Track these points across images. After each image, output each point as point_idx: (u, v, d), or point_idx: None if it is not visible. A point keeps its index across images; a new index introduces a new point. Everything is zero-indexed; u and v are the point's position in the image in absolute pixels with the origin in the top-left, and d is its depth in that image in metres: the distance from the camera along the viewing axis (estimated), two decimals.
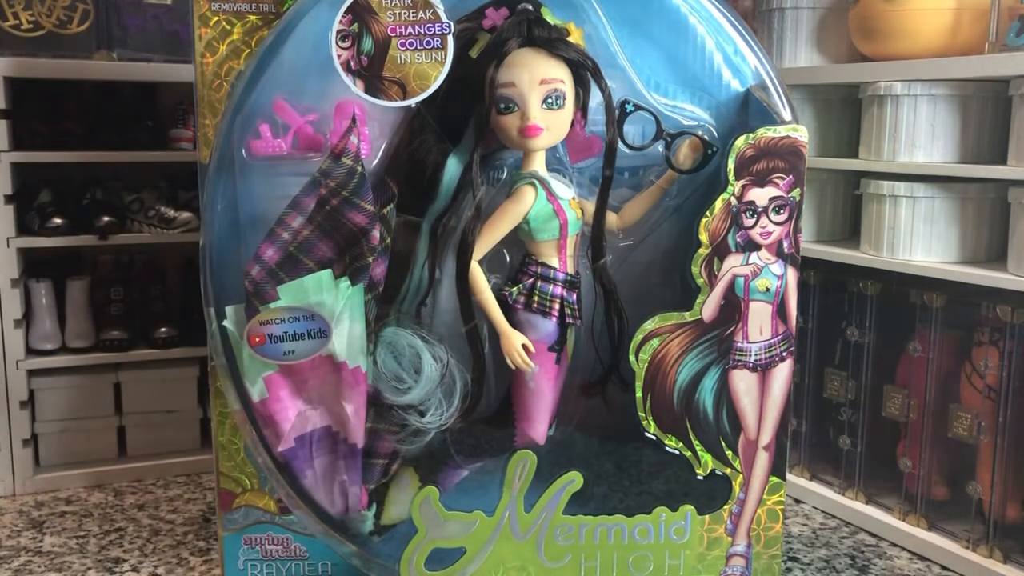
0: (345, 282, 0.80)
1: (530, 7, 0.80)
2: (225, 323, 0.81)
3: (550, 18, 0.80)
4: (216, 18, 0.86)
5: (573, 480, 0.84)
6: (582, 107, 0.83)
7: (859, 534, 1.09)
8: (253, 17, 0.86)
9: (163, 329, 1.46)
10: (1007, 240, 1.01)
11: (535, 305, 0.83)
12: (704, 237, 0.79)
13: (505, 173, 0.86)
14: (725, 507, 0.84)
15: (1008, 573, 0.96)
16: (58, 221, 1.40)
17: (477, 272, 0.83)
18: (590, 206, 0.84)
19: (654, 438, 0.83)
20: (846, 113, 1.19)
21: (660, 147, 0.83)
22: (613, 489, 0.86)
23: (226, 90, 0.85)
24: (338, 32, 0.80)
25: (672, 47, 0.83)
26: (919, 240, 1.06)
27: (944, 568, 1.01)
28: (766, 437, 0.83)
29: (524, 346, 0.83)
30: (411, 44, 0.81)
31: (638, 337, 0.81)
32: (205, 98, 0.86)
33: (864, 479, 1.13)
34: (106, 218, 1.43)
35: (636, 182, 0.85)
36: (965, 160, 1.06)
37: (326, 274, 0.80)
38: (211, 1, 0.85)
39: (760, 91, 0.81)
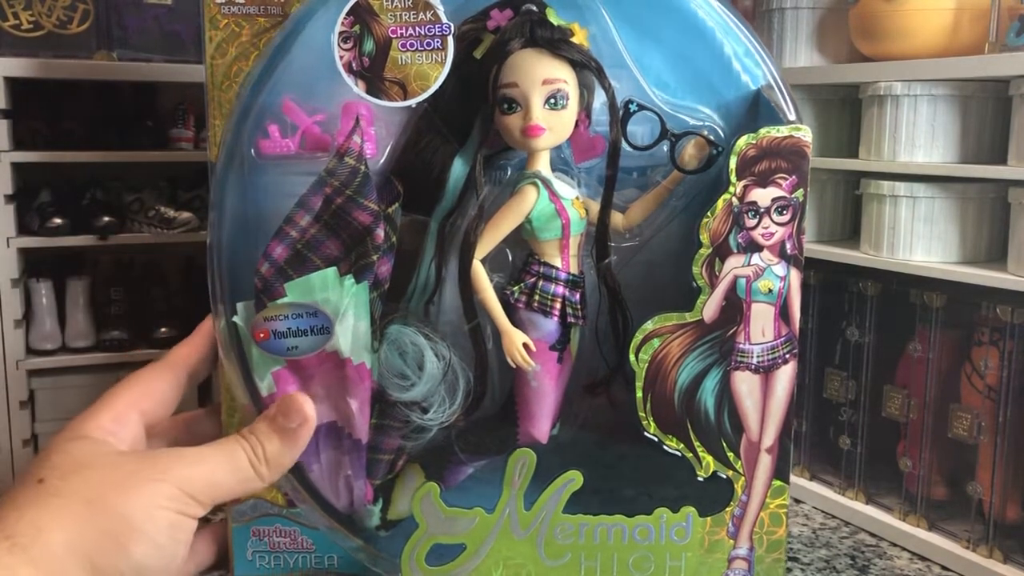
0: (350, 280, 0.80)
1: (534, 8, 0.80)
2: (235, 319, 0.81)
3: (554, 19, 0.80)
4: (226, 20, 0.86)
5: (573, 479, 0.83)
6: (586, 107, 0.83)
7: (859, 534, 1.09)
8: (262, 19, 0.86)
9: (163, 329, 1.46)
10: (1007, 240, 1.01)
11: (536, 304, 0.83)
12: (705, 238, 0.79)
13: (509, 173, 0.86)
14: (727, 509, 0.84)
15: (1008, 573, 0.96)
16: (58, 221, 1.41)
17: (479, 271, 0.83)
18: (596, 206, 0.84)
19: (655, 439, 0.83)
20: (846, 113, 1.19)
21: (665, 147, 0.83)
22: (613, 489, 0.85)
23: (235, 91, 0.85)
24: (340, 34, 0.80)
25: (681, 47, 0.82)
26: (919, 240, 1.06)
27: (944, 568, 1.01)
28: (769, 440, 0.83)
29: (525, 345, 0.83)
30: (412, 45, 0.81)
31: (638, 337, 0.81)
32: (215, 99, 0.87)
33: (864, 479, 1.13)
34: (106, 218, 1.43)
35: (644, 182, 0.85)
36: (965, 160, 1.06)
37: (331, 271, 0.80)
38: (221, 4, 0.85)
39: (770, 92, 0.81)
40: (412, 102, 0.82)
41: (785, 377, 0.83)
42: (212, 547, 0.89)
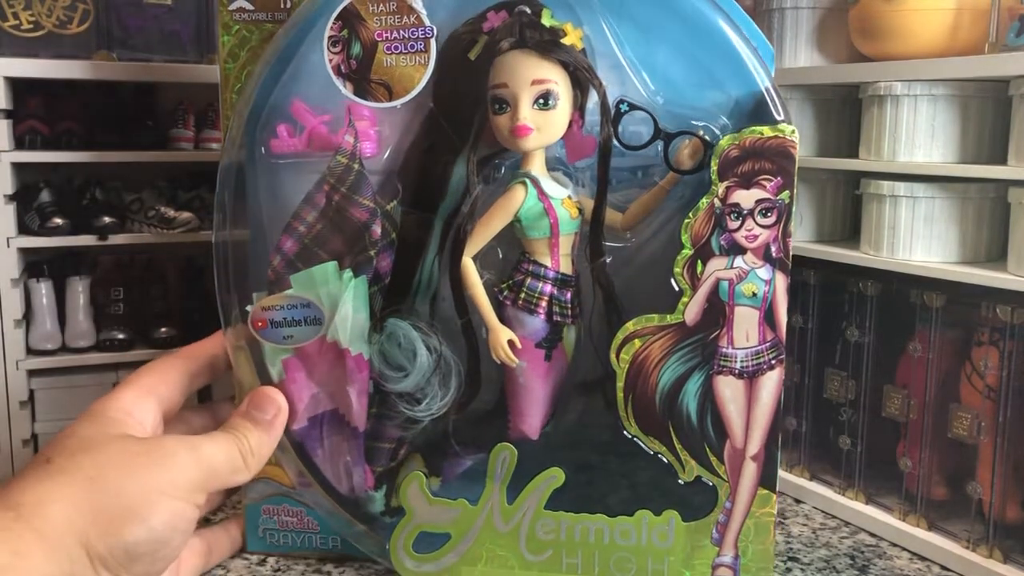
0: (349, 273, 0.83)
1: (527, 9, 0.80)
2: (248, 308, 0.85)
3: (548, 20, 0.80)
4: (237, 26, 0.89)
5: (555, 476, 0.84)
6: (580, 108, 0.83)
7: (859, 534, 1.08)
8: (270, 25, 0.89)
9: (163, 329, 1.46)
10: (1007, 240, 1.00)
11: (521, 302, 0.83)
12: (686, 239, 0.79)
13: (503, 172, 0.87)
14: (710, 516, 0.84)
15: (1008, 573, 0.96)
16: (58, 221, 1.41)
17: (468, 267, 0.84)
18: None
19: (635, 440, 0.83)
20: (846, 113, 1.19)
21: (659, 147, 0.82)
22: (596, 488, 0.85)
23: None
24: (329, 38, 0.83)
25: (686, 45, 0.82)
26: (919, 240, 1.05)
27: (944, 568, 1.00)
28: (754, 447, 0.82)
29: (511, 342, 0.83)
30: (396, 48, 0.82)
31: (619, 337, 0.81)
32: (228, 101, 0.90)
33: (864, 479, 1.13)
34: (106, 218, 1.43)
35: (646, 181, 0.85)
36: (965, 160, 1.05)
37: (331, 265, 0.83)
38: (233, 11, 0.89)
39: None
40: (397, 103, 0.83)
41: (771, 383, 0.82)
42: (228, 542, 0.95)
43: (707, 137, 0.81)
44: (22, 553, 0.64)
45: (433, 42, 0.82)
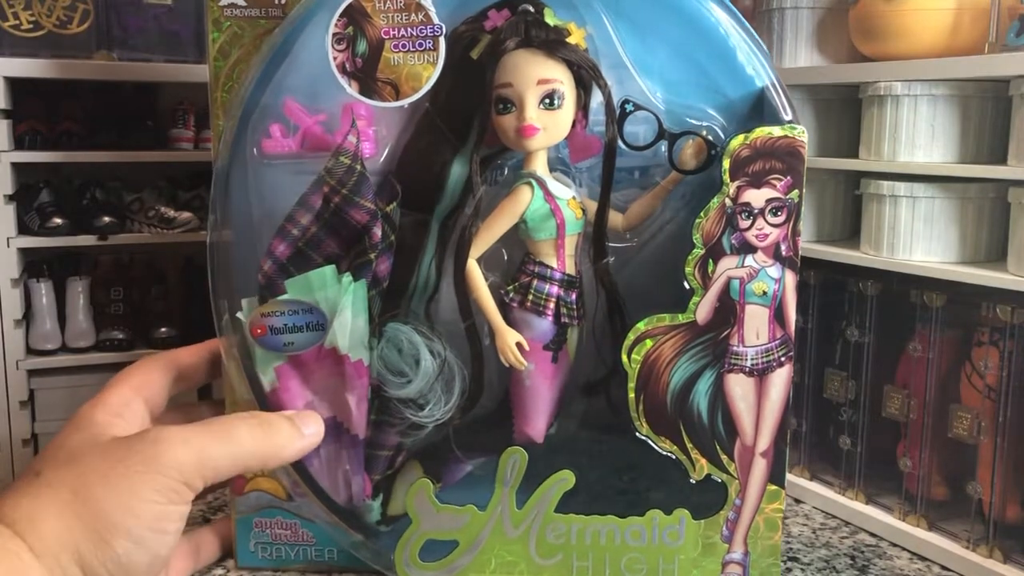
0: (348, 277, 0.81)
1: (531, 8, 0.80)
2: (239, 315, 0.83)
3: (551, 19, 0.80)
4: (228, 23, 0.87)
5: (565, 479, 0.83)
6: (584, 107, 0.83)
7: (859, 534, 1.08)
8: (263, 21, 0.87)
9: (163, 329, 1.47)
10: (1007, 240, 1.00)
11: (529, 304, 0.83)
12: (698, 238, 0.79)
13: (506, 172, 0.86)
14: (721, 513, 0.84)
15: (1008, 573, 0.96)
16: (58, 221, 1.41)
17: (474, 270, 0.83)
18: (595, 206, 0.84)
19: (647, 440, 0.82)
20: (846, 113, 1.19)
21: (663, 147, 0.82)
22: (606, 490, 0.85)
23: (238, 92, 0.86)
24: (334, 35, 0.81)
25: (685, 46, 0.82)
26: (919, 240, 1.05)
27: (944, 568, 1.01)
28: (763, 443, 0.82)
29: (518, 344, 0.83)
30: (404, 46, 0.81)
31: (630, 337, 0.81)
32: (219, 100, 0.88)
33: (864, 479, 1.13)
34: (106, 218, 1.43)
35: (646, 181, 0.85)
36: (965, 160, 1.05)
37: (329, 269, 0.81)
38: (224, 7, 0.87)
39: (768, 91, 0.81)
40: (405, 102, 0.82)
41: (780, 380, 0.82)
42: (216, 543, 0.93)
43: (710, 137, 0.82)
44: (22, 573, 0.63)
45: (442, 40, 0.81)
